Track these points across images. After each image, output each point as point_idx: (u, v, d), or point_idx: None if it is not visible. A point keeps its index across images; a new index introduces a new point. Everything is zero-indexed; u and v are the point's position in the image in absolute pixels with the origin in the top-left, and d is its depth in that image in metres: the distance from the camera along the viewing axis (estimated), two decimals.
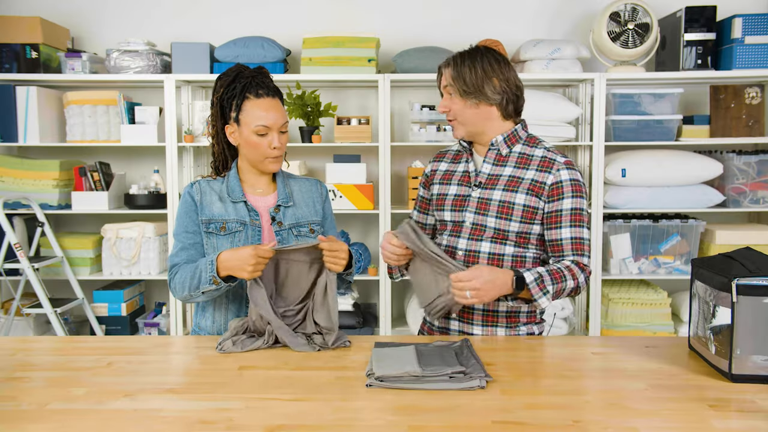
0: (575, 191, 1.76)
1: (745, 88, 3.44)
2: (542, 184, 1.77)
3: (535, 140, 1.86)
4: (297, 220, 1.84)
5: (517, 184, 1.78)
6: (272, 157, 1.78)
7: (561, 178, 1.76)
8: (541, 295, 1.67)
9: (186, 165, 3.69)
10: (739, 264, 1.42)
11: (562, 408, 1.27)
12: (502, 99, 1.79)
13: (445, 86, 1.82)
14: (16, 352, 1.64)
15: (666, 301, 3.46)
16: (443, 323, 1.88)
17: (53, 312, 3.30)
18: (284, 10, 3.77)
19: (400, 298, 3.86)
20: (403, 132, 3.76)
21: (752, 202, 3.43)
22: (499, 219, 1.77)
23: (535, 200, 1.77)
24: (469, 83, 1.77)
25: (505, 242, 1.78)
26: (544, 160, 1.79)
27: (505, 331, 1.83)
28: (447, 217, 1.86)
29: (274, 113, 1.75)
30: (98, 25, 3.79)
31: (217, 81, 1.80)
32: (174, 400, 1.32)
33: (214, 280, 1.66)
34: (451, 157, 1.95)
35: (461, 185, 1.86)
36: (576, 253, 1.75)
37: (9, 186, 3.50)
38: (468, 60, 1.79)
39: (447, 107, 1.82)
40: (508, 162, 1.82)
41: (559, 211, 1.76)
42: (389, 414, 1.24)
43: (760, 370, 1.38)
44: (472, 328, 1.83)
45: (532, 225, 1.78)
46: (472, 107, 1.78)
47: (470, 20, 3.75)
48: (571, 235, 1.75)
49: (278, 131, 1.77)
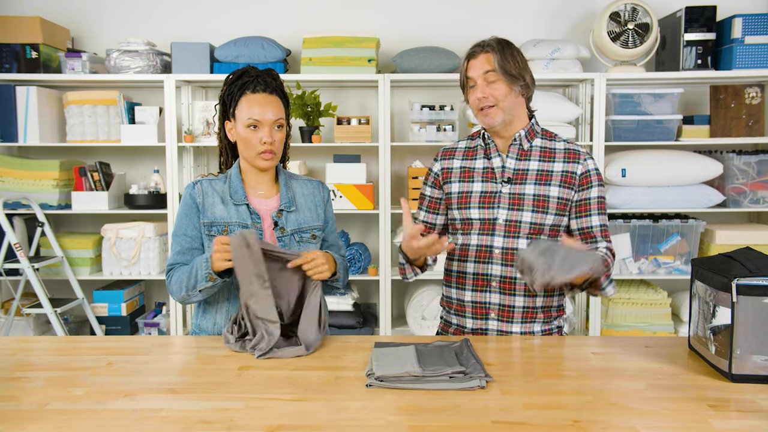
0: (599, 180, 1.83)
1: (745, 88, 3.44)
2: (573, 174, 1.80)
3: (550, 134, 1.88)
4: (299, 226, 1.83)
5: (549, 177, 1.80)
6: (263, 152, 1.75)
7: (588, 168, 1.81)
8: (608, 284, 1.73)
9: (186, 165, 3.69)
10: (739, 264, 1.42)
11: (562, 408, 1.27)
12: (531, 92, 1.83)
13: (487, 71, 1.77)
14: (16, 352, 1.64)
15: (666, 301, 3.46)
16: (481, 324, 1.84)
17: (53, 312, 3.30)
18: (284, 10, 3.77)
19: (400, 298, 3.86)
20: (403, 132, 3.76)
21: (752, 202, 3.43)
22: (536, 213, 1.78)
23: (568, 191, 1.80)
24: (515, 69, 1.77)
25: (539, 237, 1.80)
26: (569, 152, 1.83)
27: (541, 326, 1.84)
28: (474, 215, 1.83)
29: (265, 108, 1.74)
30: (98, 25, 3.79)
31: (226, 79, 1.81)
32: (174, 400, 1.32)
33: (210, 277, 1.66)
34: (462, 153, 1.91)
35: (486, 181, 1.83)
36: (606, 239, 1.82)
37: (9, 186, 3.50)
38: (508, 47, 1.78)
39: (488, 93, 1.77)
40: (531, 156, 1.83)
41: (588, 199, 1.81)
42: (389, 414, 1.24)
43: (760, 370, 1.38)
44: (511, 326, 1.82)
45: (563, 217, 1.81)
46: (515, 96, 1.78)
47: (470, 20, 3.75)
48: (600, 223, 1.81)
49: (271, 127, 1.75)
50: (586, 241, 1.81)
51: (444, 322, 1.96)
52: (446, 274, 1.93)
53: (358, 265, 3.51)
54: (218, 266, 1.64)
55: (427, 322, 3.49)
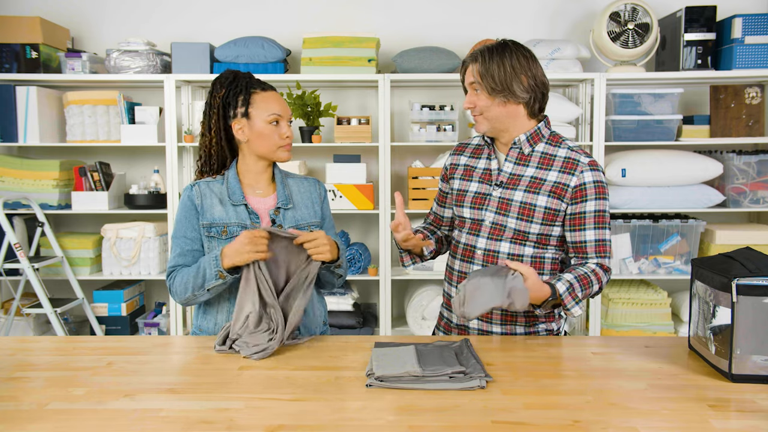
0: (598, 193, 1.74)
1: (745, 88, 3.44)
2: (565, 186, 1.73)
3: (558, 139, 1.81)
4: (296, 222, 1.85)
5: (539, 186, 1.75)
6: (284, 145, 1.83)
7: (584, 180, 1.73)
8: (574, 304, 1.66)
9: (186, 165, 3.69)
10: (739, 264, 1.42)
11: (562, 408, 1.27)
12: (529, 97, 1.75)
13: (471, 83, 1.76)
14: (16, 352, 1.64)
15: (666, 301, 3.46)
16: (463, 321, 1.85)
17: (53, 312, 3.30)
18: (284, 10, 3.77)
19: (400, 298, 3.86)
20: (403, 132, 3.76)
21: (752, 202, 3.43)
22: (520, 220, 1.75)
23: (557, 202, 1.74)
24: (497, 81, 1.71)
25: (524, 243, 1.77)
26: (568, 161, 1.75)
27: (524, 328, 1.83)
28: (466, 215, 1.84)
29: (282, 104, 1.84)
30: (98, 25, 3.79)
31: (215, 83, 1.83)
32: (174, 400, 1.32)
33: (221, 275, 1.68)
34: (471, 150, 1.91)
35: (482, 183, 1.83)
36: (599, 255, 1.75)
37: (9, 186, 3.50)
38: (497, 56, 1.72)
39: (473, 103, 1.76)
40: (530, 162, 1.79)
41: (582, 213, 1.74)
42: (389, 414, 1.24)
43: (760, 370, 1.38)
44: (491, 326, 1.82)
45: (552, 227, 1.77)
46: (500, 105, 1.74)
47: (470, 20, 3.75)
48: (595, 238, 1.74)
49: (287, 122, 1.84)
50: (578, 255, 1.77)
51: (445, 320, 1.98)
52: (448, 272, 1.95)
53: (358, 265, 3.51)
54: (241, 259, 1.66)
55: (427, 322, 3.49)
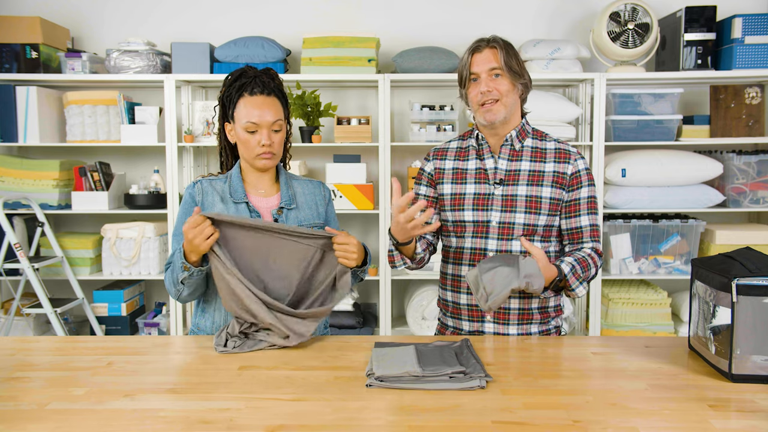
0: (589, 180, 1.83)
1: (745, 88, 3.44)
2: (564, 174, 1.80)
3: (541, 134, 1.88)
4: (299, 223, 1.83)
5: (541, 178, 1.80)
6: (261, 154, 1.76)
7: (579, 168, 1.81)
8: (578, 284, 1.73)
9: (186, 165, 3.69)
10: (739, 264, 1.42)
11: (562, 408, 1.27)
12: (527, 92, 1.84)
13: (493, 68, 1.77)
14: (16, 352, 1.64)
15: (666, 301, 3.46)
16: (477, 326, 1.84)
17: (53, 312, 3.30)
18: (284, 10, 3.77)
19: (400, 298, 3.86)
20: (403, 132, 3.76)
21: (752, 202, 3.43)
22: (528, 214, 1.78)
23: (559, 192, 1.81)
24: (516, 67, 1.78)
25: (533, 238, 1.80)
26: (560, 152, 1.83)
27: (538, 326, 1.85)
28: (468, 218, 1.82)
29: (264, 111, 1.74)
30: (98, 25, 3.79)
31: (224, 80, 1.82)
32: (174, 400, 1.32)
33: (184, 266, 1.65)
34: (454, 154, 1.90)
35: (479, 183, 1.83)
36: (594, 240, 1.82)
37: (9, 186, 3.49)
38: (510, 47, 1.80)
39: (492, 87, 1.77)
40: (522, 157, 1.83)
41: (577, 199, 1.81)
42: (389, 414, 1.24)
43: (760, 370, 1.38)
44: (507, 328, 1.83)
45: (555, 217, 1.82)
46: (515, 94, 1.80)
47: (470, 20, 3.75)
48: (589, 223, 1.82)
49: (269, 129, 1.75)
50: (574, 241, 1.83)
51: (441, 324, 1.96)
52: (441, 277, 1.93)
53: None
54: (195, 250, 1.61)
55: (427, 322, 3.49)
